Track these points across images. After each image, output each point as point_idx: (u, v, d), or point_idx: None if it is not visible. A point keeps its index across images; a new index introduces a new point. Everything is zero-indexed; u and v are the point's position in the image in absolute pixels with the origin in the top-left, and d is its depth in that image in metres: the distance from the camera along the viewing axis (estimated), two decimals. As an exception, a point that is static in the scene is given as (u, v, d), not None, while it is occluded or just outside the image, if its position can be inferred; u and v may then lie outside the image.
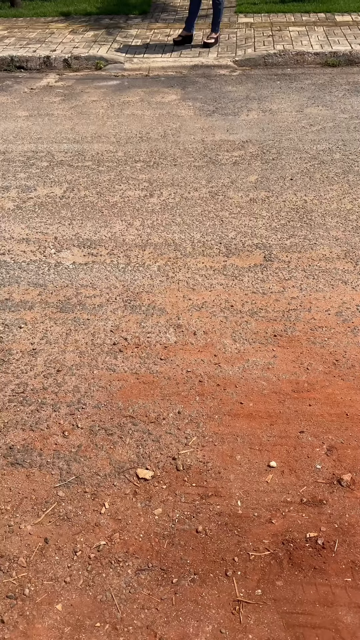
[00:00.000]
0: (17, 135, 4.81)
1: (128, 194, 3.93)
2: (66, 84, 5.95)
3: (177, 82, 5.86)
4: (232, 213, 3.67)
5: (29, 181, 4.11)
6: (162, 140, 4.63)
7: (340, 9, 7.45)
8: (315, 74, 5.94)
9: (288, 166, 4.18)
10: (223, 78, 5.93)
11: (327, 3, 7.60)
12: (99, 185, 4.04)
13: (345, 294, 2.94)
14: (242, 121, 4.92)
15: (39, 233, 3.54)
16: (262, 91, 5.54)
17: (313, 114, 4.99)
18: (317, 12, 7.43)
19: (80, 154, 4.46)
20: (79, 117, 5.11)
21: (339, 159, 4.24)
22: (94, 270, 3.19)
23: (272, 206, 3.72)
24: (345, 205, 3.68)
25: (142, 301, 2.95)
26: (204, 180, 4.06)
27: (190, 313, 2.86)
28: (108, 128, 4.88)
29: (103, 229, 3.56)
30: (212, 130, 4.77)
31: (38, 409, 2.39)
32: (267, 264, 3.19)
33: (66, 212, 3.75)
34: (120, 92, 5.65)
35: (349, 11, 7.42)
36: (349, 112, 5.00)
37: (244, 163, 4.25)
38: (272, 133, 4.68)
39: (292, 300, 2.92)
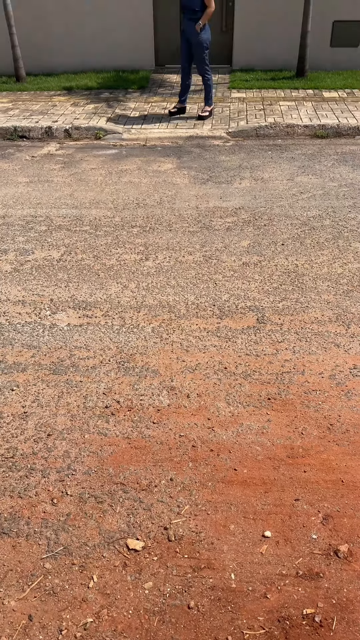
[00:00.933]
0: (17, 201, 4.96)
1: (124, 257, 4.02)
2: (66, 152, 6.21)
3: (173, 151, 6.12)
4: (226, 276, 3.74)
5: (27, 244, 4.21)
6: (158, 207, 4.78)
7: (327, 86, 7.90)
8: (305, 144, 6.23)
9: (279, 232, 4.30)
10: (217, 148, 6.20)
11: (315, 81, 8.08)
12: (96, 249, 4.13)
13: (338, 356, 2.95)
14: (235, 189, 5.10)
15: (35, 295, 3.58)
16: (254, 161, 5.78)
17: (303, 183, 5.19)
18: (305, 89, 7.88)
19: (78, 219, 4.59)
20: (78, 184, 5.30)
21: (328, 225, 4.37)
22: (89, 331, 3.21)
23: (264, 270, 3.80)
24: (335, 269, 3.77)
25: (135, 363, 2.95)
26: (198, 244, 4.16)
27: (183, 375, 2.85)
28: (106, 194, 5.05)
29: (99, 291, 3.61)
30: (206, 198, 4.94)
31: (27, 474, 2.33)
32: (260, 326, 3.22)
33: (63, 274, 3.81)
34: (118, 161, 5.88)
35: (336, 88, 7.88)
36: (338, 180, 5.21)
37: (236, 229, 4.38)
38: (263, 200, 4.85)
39: (285, 363, 2.92)
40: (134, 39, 8.89)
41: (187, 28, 6.38)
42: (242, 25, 8.67)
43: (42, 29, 8.87)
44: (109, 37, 8.89)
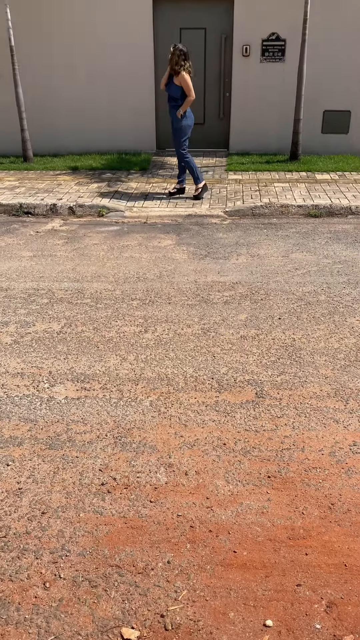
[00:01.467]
0: (20, 274, 5.08)
1: (124, 329, 4.07)
2: (70, 228, 6.43)
3: (172, 229, 6.35)
4: (224, 349, 3.78)
5: (29, 317, 4.27)
6: (157, 281, 4.90)
7: (320, 169, 8.33)
8: (299, 223, 6.48)
9: (276, 306, 4.39)
10: (215, 226, 6.44)
11: (308, 164, 8.52)
12: (96, 321, 4.20)
13: (337, 433, 2.93)
14: (232, 264, 5.26)
15: (34, 367, 3.60)
16: (251, 238, 5.99)
17: (298, 259, 5.35)
18: (299, 171, 8.30)
19: (79, 292, 4.69)
20: (81, 258, 5.45)
21: (324, 300, 4.47)
22: (86, 405, 3.20)
23: (262, 343, 3.84)
24: (332, 344, 3.81)
25: (133, 438, 2.92)
26: (197, 317, 4.23)
27: (182, 451, 2.82)
28: (107, 269, 5.19)
29: (97, 364, 3.63)
30: (205, 272, 5.07)
31: (19, 555, 2.25)
32: (259, 400, 3.22)
33: (62, 346, 3.85)
34: (120, 237, 6.09)
35: (328, 171, 8.30)
36: (332, 257, 5.38)
37: (234, 302, 4.47)
38: (260, 275, 4.98)
39: (285, 439, 2.90)
40: (136, 124, 9.46)
41: (171, 115, 6.93)
42: (238, 113, 9.26)
43: (51, 114, 9.45)
44: (114, 122, 9.46)
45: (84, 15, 8.84)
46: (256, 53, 8.87)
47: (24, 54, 8.89)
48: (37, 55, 9.07)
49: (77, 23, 8.88)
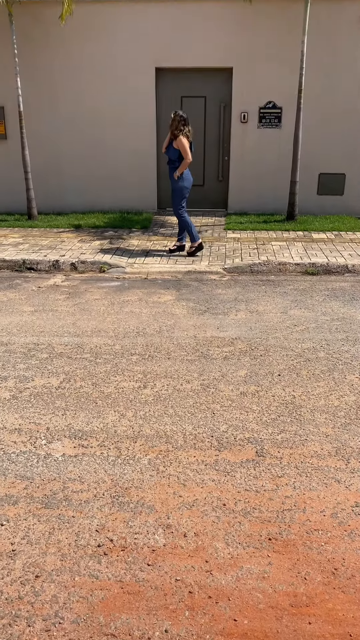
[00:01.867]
0: (21, 329, 5.12)
1: (123, 385, 4.06)
2: (71, 283, 6.53)
3: (172, 284, 6.45)
4: (224, 406, 3.75)
5: (28, 372, 4.27)
6: (157, 336, 4.93)
7: (316, 229, 8.55)
8: (297, 280, 6.59)
9: (275, 362, 4.40)
10: (214, 282, 6.54)
11: (304, 224, 8.76)
12: (95, 376, 4.19)
13: (339, 493, 2.88)
14: (232, 320, 5.31)
15: (31, 423, 3.56)
16: (249, 294, 6.08)
17: (297, 316, 5.41)
18: (296, 230, 8.52)
19: (79, 347, 4.70)
20: (81, 313, 5.51)
21: (323, 357, 4.48)
22: (84, 462, 3.15)
23: (262, 400, 3.82)
24: (332, 401, 3.80)
25: (130, 497, 2.86)
26: (196, 373, 4.23)
27: (180, 512, 2.75)
28: (108, 323, 5.23)
29: (96, 420, 3.60)
30: (204, 328, 5.11)
31: (11, 623, 2.16)
32: (259, 459, 3.17)
33: (61, 402, 3.82)
34: (120, 292, 6.18)
35: (324, 230, 8.52)
36: (330, 314, 5.44)
37: (233, 358, 4.48)
38: (259, 331, 5.02)
39: (286, 500, 2.84)
40: (139, 185, 9.79)
41: (169, 176, 7.24)
42: (236, 175, 9.60)
43: (56, 174, 9.80)
44: (117, 182, 9.79)
45: (89, 83, 9.33)
46: (254, 120, 9.31)
47: (32, 118, 9.32)
48: (44, 119, 9.51)
49: (83, 90, 9.36)
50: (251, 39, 8.90)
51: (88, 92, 9.37)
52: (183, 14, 8.88)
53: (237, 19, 8.83)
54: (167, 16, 8.91)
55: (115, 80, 9.28)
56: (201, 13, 8.86)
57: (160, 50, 9.07)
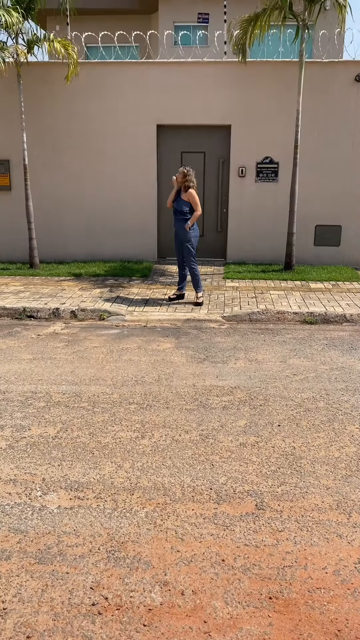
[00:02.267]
0: (19, 377, 5.10)
1: (120, 435, 4.01)
2: (71, 331, 6.56)
3: (171, 332, 6.47)
4: (223, 457, 3.70)
5: (25, 421, 4.23)
6: (156, 384, 4.91)
7: (314, 278, 8.66)
8: (296, 329, 6.62)
9: (275, 412, 4.36)
10: (213, 330, 6.57)
11: (302, 273, 8.88)
12: (93, 425, 4.15)
13: (341, 549, 2.79)
14: (231, 369, 5.30)
15: (27, 474, 3.50)
16: (248, 343, 6.09)
17: (296, 365, 5.40)
18: (293, 280, 8.63)
19: (77, 396, 4.68)
20: (80, 361, 5.50)
21: (323, 407, 4.45)
22: (79, 515, 3.08)
23: (261, 451, 3.77)
24: (333, 453, 3.75)
25: (127, 552, 2.78)
26: (195, 423, 4.18)
27: (178, 568, 2.66)
28: (106, 372, 5.22)
29: (92, 471, 3.53)
30: (203, 376, 5.10)
31: None
32: (259, 512, 3.10)
33: (57, 452, 3.77)
34: (119, 340, 6.19)
35: (321, 280, 8.63)
36: (329, 364, 5.43)
37: (233, 408, 4.44)
38: (258, 381, 5.00)
39: (286, 555, 2.75)
40: (140, 235, 9.99)
41: (178, 228, 7.31)
42: (234, 226, 9.81)
43: (58, 224, 10.02)
44: (118, 232, 10.00)
45: (92, 138, 9.67)
46: (251, 174, 9.60)
47: (36, 171, 9.62)
48: (48, 172, 9.80)
49: (86, 145, 9.70)
50: (248, 98, 9.30)
51: (91, 147, 9.70)
52: (183, 74, 9.31)
53: (234, 80, 9.25)
54: (168, 76, 9.35)
55: (117, 136, 9.63)
56: (200, 74, 9.30)
57: (161, 108, 9.46)
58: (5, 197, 10.00)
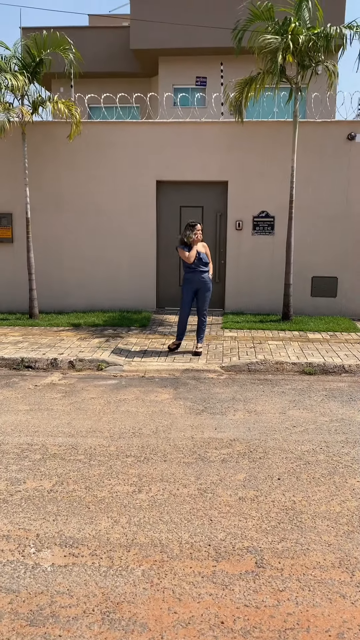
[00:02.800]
0: (15, 428, 5.04)
1: (117, 488, 3.93)
2: (68, 382, 6.53)
3: (170, 383, 6.45)
4: (221, 512, 3.61)
5: (20, 474, 4.15)
6: (153, 436, 4.85)
7: (311, 329, 8.71)
8: (295, 380, 6.60)
9: (275, 465, 4.29)
10: (211, 381, 6.54)
11: (300, 324, 8.94)
12: (89, 479, 4.07)
13: (344, 610, 2.69)
14: (230, 420, 5.25)
15: (21, 529, 3.40)
16: (247, 394, 6.06)
17: (295, 416, 5.36)
18: (291, 330, 8.67)
19: (73, 448, 4.61)
20: (77, 413, 5.45)
21: (323, 460, 4.39)
22: (73, 573, 2.97)
23: (261, 506, 3.69)
24: (334, 507, 3.66)
25: (122, 614, 2.67)
26: (193, 476, 4.11)
27: (175, 630, 2.56)
28: (103, 423, 5.16)
29: (88, 526, 3.44)
30: (201, 428, 5.04)
31: None
32: (259, 570, 3.00)
33: (52, 506, 3.68)
34: (117, 391, 6.16)
35: (319, 330, 8.68)
36: (329, 415, 5.39)
37: (232, 461, 4.38)
38: (257, 432, 4.94)
39: (288, 617, 2.65)
40: (139, 285, 10.11)
41: (205, 279, 7.44)
42: (232, 277, 9.95)
43: (58, 275, 10.16)
44: (117, 283, 10.13)
45: (93, 193, 9.95)
46: (248, 227, 9.83)
47: (38, 223, 9.84)
48: (50, 224, 10.03)
49: (87, 199, 9.97)
50: (244, 155, 9.64)
51: (92, 201, 9.96)
52: (182, 133, 9.69)
53: (231, 138, 9.62)
54: (168, 135, 9.72)
55: (118, 191, 9.92)
56: (198, 133, 9.67)
57: (161, 165, 9.79)
58: (7, 249, 10.19)
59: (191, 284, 7.47)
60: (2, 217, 10.08)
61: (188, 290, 7.52)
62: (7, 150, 9.75)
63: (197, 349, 7.49)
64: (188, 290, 7.51)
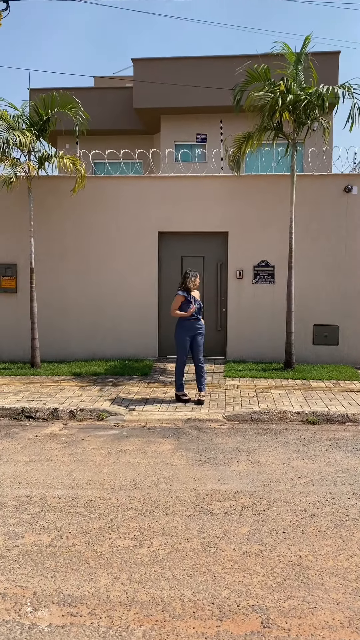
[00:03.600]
0: (15, 480, 4.95)
1: (117, 543, 3.82)
2: (69, 432, 6.45)
3: (171, 433, 6.36)
4: (225, 568, 3.49)
5: (18, 527, 4.04)
6: (155, 488, 4.75)
7: (314, 377, 8.67)
8: (298, 429, 6.51)
9: (279, 518, 4.18)
10: (214, 431, 6.46)
11: (302, 372, 8.90)
12: (89, 533, 3.96)
13: (356, 675, 2.56)
14: (233, 471, 5.15)
15: (17, 587, 3.29)
16: (251, 444, 5.97)
17: (300, 467, 5.26)
18: (294, 379, 8.63)
19: (73, 500, 4.51)
20: (77, 464, 5.36)
21: (329, 512, 4.27)
22: (71, 634, 2.85)
23: (266, 561, 3.57)
24: (341, 562, 3.54)
25: None
26: (196, 530, 4.00)
27: None
28: (104, 475, 5.07)
29: (87, 583, 3.32)
30: (204, 480, 4.94)
31: None
32: (265, 631, 2.87)
33: (50, 562, 3.56)
34: (118, 441, 6.07)
35: (322, 379, 8.63)
36: (334, 465, 5.29)
37: (235, 513, 4.26)
38: (261, 484, 4.84)
39: None
40: (140, 334, 10.15)
41: (199, 325, 7.59)
42: (234, 325, 9.99)
43: (60, 324, 10.21)
44: (119, 332, 10.16)
45: (97, 244, 10.15)
46: (249, 276, 9.95)
47: (42, 274, 9.99)
48: (53, 275, 10.17)
49: (90, 250, 10.16)
50: (244, 207, 9.88)
51: (95, 251, 10.15)
52: (183, 187, 9.97)
53: (230, 191, 9.89)
54: (169, 189, 10.00)
55: (121, 241, 10.11)
56: (199, 186, 9.96)
57: (163, 217, 10.03)
58: (11, 299, 10.30)
59: (188, 330, 7.53)
60: (6, 267, 10.24)
61: (184, 338, 7.56)
62: (13, 202, 10.01)
63: (200, 397, 7.43)
64: (184, 337, 7.56)
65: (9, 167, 9.01)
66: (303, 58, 8.78)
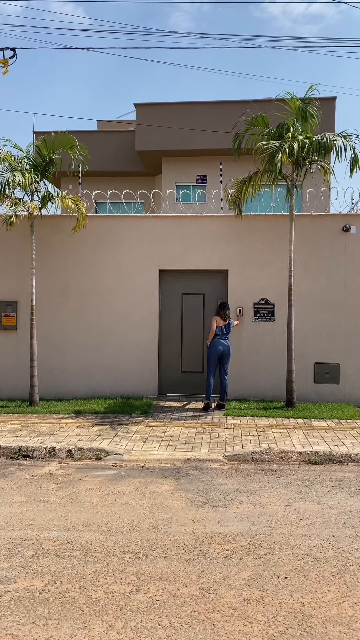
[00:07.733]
0: (9, 521, 4.82)
1: (113, 588, 3.68)
2: (66, 472, 6.32)
3: (171, 473, 6.23)
4: (225, 615, 3.35)
5: (11, 571, 3.90)
6: (153, 531, 4.61)
7: (316, 416, 8.55)
8: (300, 470, 6.38)
9: (281, 562, 4.04)
10: (214, 471, 6.33)
11: (304, 411, 8.79)
12: (84, 577, 3.82)
13: None
14: (233, 513, 5.01)
15: (8, 635, 3.14)
16: (251, 485, 5.83)
17: (302, 509, 5.12)
18: (295, 418, 8.51)
19: (68, 543, 4.37)
20: (73, 505, 5.23)
21: (332, 556, 4.13)
22: None
23: (267, 608, 3.43)
24: (345, 610, 3.40)
25: None
26: (194, 575, 3.86)
27: None
28: (100, 516, 4.93)
29: (80, 632, 3.18)
30: (204, 522, 4.80)
31: None
32: None
33: (43, 609, 3.42)
34: (116, 482, 5.94)
35: (324, 418, 8.51)
36: (336, 507, 5.15)
37: (235, 557, 4.13)
38: (262, 527, 4.70)
39: None
40: (140, 372, 10.08)
41: (228, 344, 9.13)
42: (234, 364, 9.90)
43: (60, 362, 10.17)
44: (119, 370, 10.11)
45: (98, 282, 10.21)
46: (249, 314, 9.96)
47: (42, 311, 10.02)
48: (54, 312, 10.20)
49: (91, 288, 10.21)
50: (244, 246, 9.98)
51: (96, 289, 10.20)
52: (183, 227, 10.11)
53: (230, 231, 10.02)
54: (170, 229, 10.14)
55: (122, 280, 10.18)
56: (199, 226, 10.09)
57: (163, 255, 10.12)
58: (11, 336, 10.29)
59: (219, 347, 8.99)
60: (7, 305, 10.28)
61: (215, 355, 9.04)
62: (15, 240, 10.13)
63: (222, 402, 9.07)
64: (215, 355, 9.03)
65: (9, 206, 9.16)
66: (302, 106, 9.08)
